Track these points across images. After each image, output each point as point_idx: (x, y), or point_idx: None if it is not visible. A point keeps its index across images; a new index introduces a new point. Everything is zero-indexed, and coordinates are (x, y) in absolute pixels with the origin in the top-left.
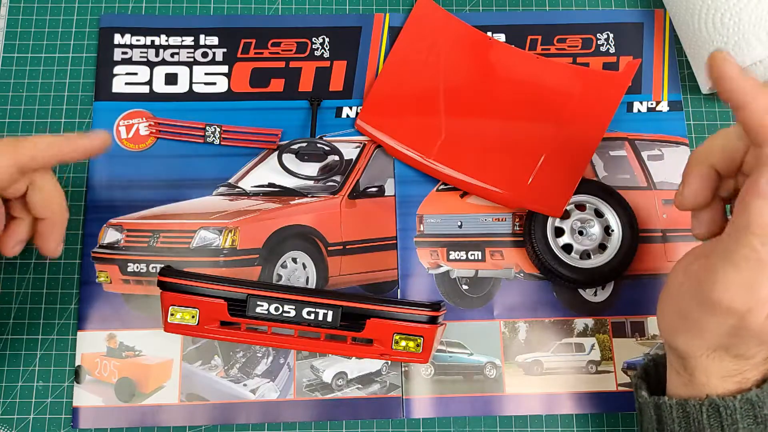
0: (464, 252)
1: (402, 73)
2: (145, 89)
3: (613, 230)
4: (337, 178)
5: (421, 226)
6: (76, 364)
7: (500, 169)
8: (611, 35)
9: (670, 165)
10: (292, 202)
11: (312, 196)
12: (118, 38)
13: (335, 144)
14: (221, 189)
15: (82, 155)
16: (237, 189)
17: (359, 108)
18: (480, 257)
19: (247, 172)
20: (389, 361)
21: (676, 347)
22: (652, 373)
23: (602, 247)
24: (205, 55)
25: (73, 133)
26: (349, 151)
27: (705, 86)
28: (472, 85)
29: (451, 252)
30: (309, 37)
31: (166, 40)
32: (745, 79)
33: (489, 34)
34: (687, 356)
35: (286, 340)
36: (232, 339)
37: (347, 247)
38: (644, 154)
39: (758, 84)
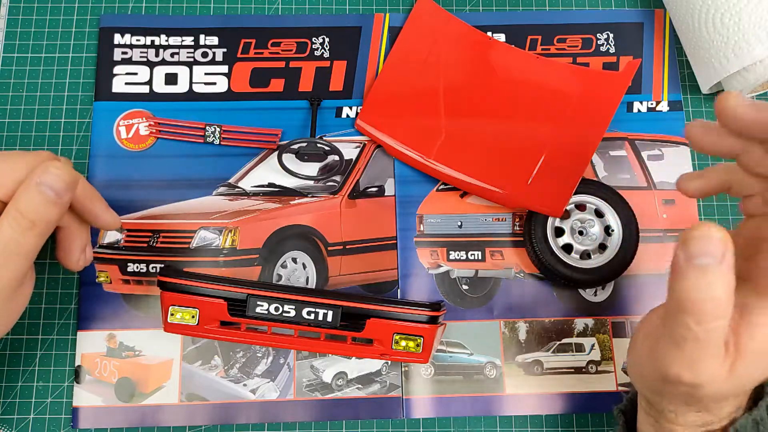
0: (464, 252)
1: (402, 73)
2: (145, 89)
3: (613, 230)
4: (337, 178)
5: (421, 226)
6: (76, 364)
7: (500, 169)
8: (611, 35)
9: (670, 165)
10: (292, 202)
11: (312, 196)
12: (118, 38)
13: (335, 144)
14: (221, 189)
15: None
16: (237, 189)
17: (359, 108)
18: (480, 257)
19: (247, 172)
20: (389, 361)
21: (645, 397)
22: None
23: (602, 247)
24: (205, 55)
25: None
26: (349, 151)
27: (705, 86)
28: (472, 85)
29: (451, 252)
30: (309, 37)
31: (166, 40)
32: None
33: (489, 34)
34: (654, 409)
35: (286, 340)
36: (232, 339)
37: (347, 247)
38: (644, 154)
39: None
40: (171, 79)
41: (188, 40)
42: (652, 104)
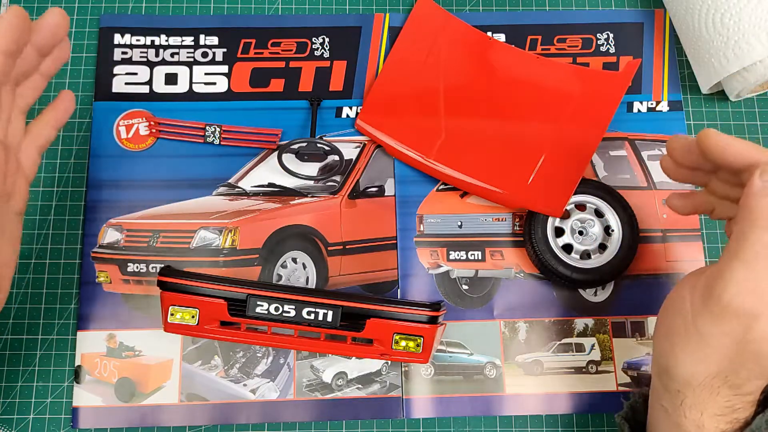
0: (464, 252)
1: (402, 73)
2: (145, 89)
3: (613, 230)
4: (337, 178)
5: (421, 226)
6: (76, 364)
7: (500, 169)
8: (611, 35)
9: None
10: (292, 202)
11: (312, 196)
12: (118, 38)
13: (335, 144)
14: (221, 189)
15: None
16: (237, 189)
17: (359, 108)
18: (480, 257)
19: (247, 172)
20: (389, 361)
21: (676, 373)
22: (640, 410)
23: (602, 247)
24: (205, 55)
25: None
26: (349, 151)
27: (705, 86)
28: (471, 85)
29: (451, 252)
30: (309, 37)
31: (166, 40)
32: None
33: (489, 34)
34: (685, 386)
35: (286, 340)
36: (232, 339)
37: (347, 247)
38: (644, 154)
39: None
40: (171, 79)
41: (188, 40)
42: (652, 104)
